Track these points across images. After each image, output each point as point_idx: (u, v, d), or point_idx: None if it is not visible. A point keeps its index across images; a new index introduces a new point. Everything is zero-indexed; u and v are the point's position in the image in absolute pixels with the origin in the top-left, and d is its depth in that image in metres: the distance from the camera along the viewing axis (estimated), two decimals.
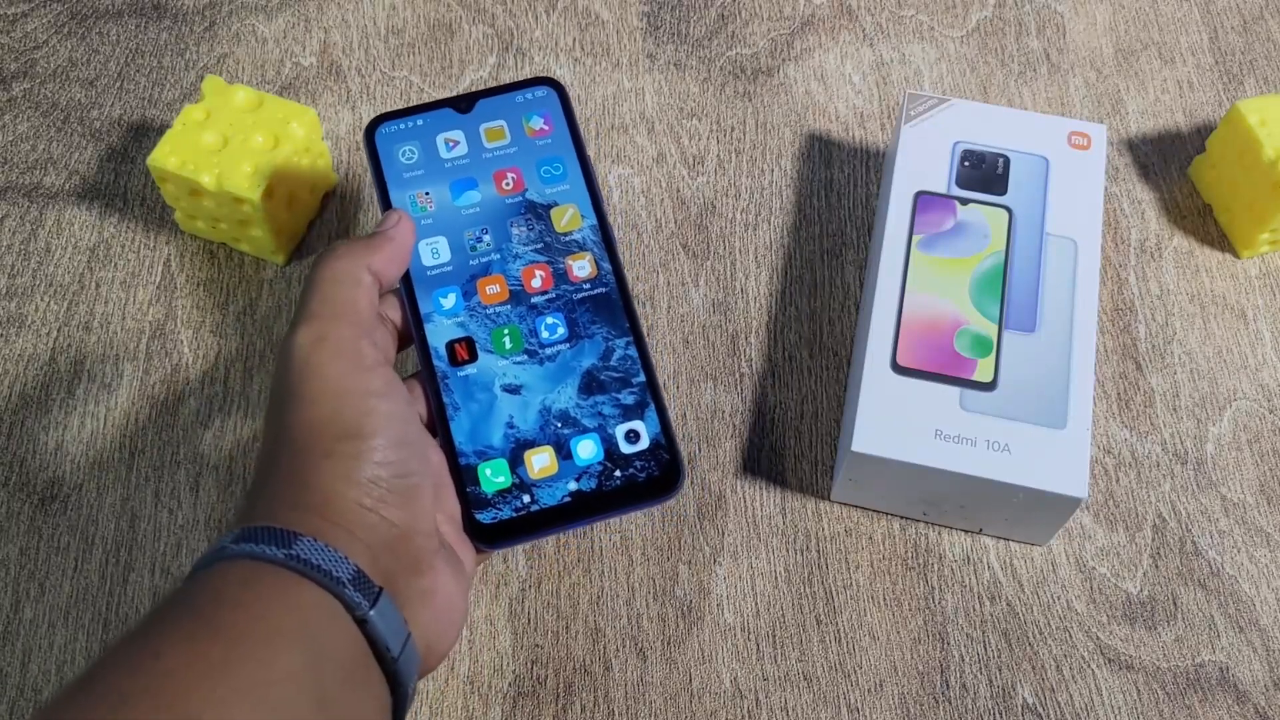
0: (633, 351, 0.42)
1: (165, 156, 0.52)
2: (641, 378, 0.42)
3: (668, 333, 0.54)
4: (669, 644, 0.47)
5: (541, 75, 0.47)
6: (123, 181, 0.59)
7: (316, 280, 0.39)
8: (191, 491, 0.50)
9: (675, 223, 0.58)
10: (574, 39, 0.64)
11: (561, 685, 0.46)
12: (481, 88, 0.61)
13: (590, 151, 0.60)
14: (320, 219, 0.58)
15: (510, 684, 0.46)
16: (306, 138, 0.54)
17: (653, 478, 0.41)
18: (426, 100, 0.61)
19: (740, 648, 0.47)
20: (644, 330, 0.43)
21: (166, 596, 0.33)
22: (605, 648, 0.47)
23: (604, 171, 0.59)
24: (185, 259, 0.56)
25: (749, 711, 0.46)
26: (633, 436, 0.41)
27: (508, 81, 0.60)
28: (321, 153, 0.56)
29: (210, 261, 0.56)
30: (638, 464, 0.41)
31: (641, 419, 0.41)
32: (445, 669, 0.46)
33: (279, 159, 0.52)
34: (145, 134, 0.60)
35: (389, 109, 0.61)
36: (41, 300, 0.55)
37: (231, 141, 0.53)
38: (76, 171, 0.59)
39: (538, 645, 0.47)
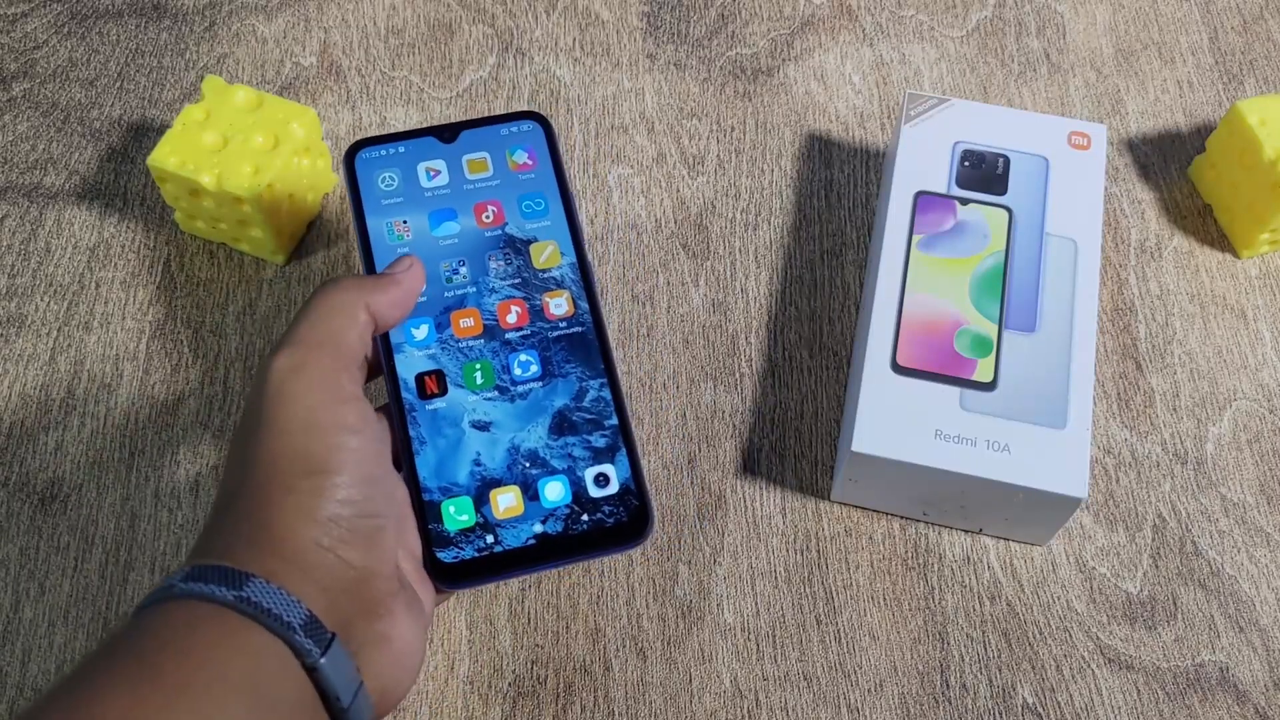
0: (606, 394, 0.41)
1: (165, 156, 0.52)
2: (614, 420, 0.41)
3: (668, 333, 0.54)
4: (669, 644, 0.47)
5: (528, 110, 0.46)
6: (123, 181, 0.59)
7: (310, 307, 0.38)
8: (191, 491, 0.50)
9: (675, 223, 0.58)
10: (574, 39, 0.64)
11: (561, 685, 0.46)
12: (470, 114, 0.61)
13: (590, 152, 0.60)
14: (320, 219, 0.58)
15: (510, 684, 0.46)
16: (306, 138, 0.54)
17: (620, 524, 0.40)
18: (417, 120, 0.61)
19: (740, 648, 0.47)
20: (619, 372, 0.42)
21: (109, 636, 0.32)
22: (605, 648, 0.47)
23: (604, 171, 0.59)
24: (185, 259, 0.56)
25: (749, 711, 0.46)
26: (602, 480, 0.40)
27: (494, 112, 0.60)
28: (321, 153, 0.56)
29: (210, 261, 0.56)
30: (606, 509, 0.40)
31: (612, 463, 0.40)
32: (445, 669, 0.46)
33: (279, 159, 0.52)
34: (145, 134, 0.60)
35: (388, 108, 0.61)
36: (41, 300, 0.55)
37: (231, 141, 0.53)
38: (76, 171, 0.59)
39: (538, 645, 0.47)
